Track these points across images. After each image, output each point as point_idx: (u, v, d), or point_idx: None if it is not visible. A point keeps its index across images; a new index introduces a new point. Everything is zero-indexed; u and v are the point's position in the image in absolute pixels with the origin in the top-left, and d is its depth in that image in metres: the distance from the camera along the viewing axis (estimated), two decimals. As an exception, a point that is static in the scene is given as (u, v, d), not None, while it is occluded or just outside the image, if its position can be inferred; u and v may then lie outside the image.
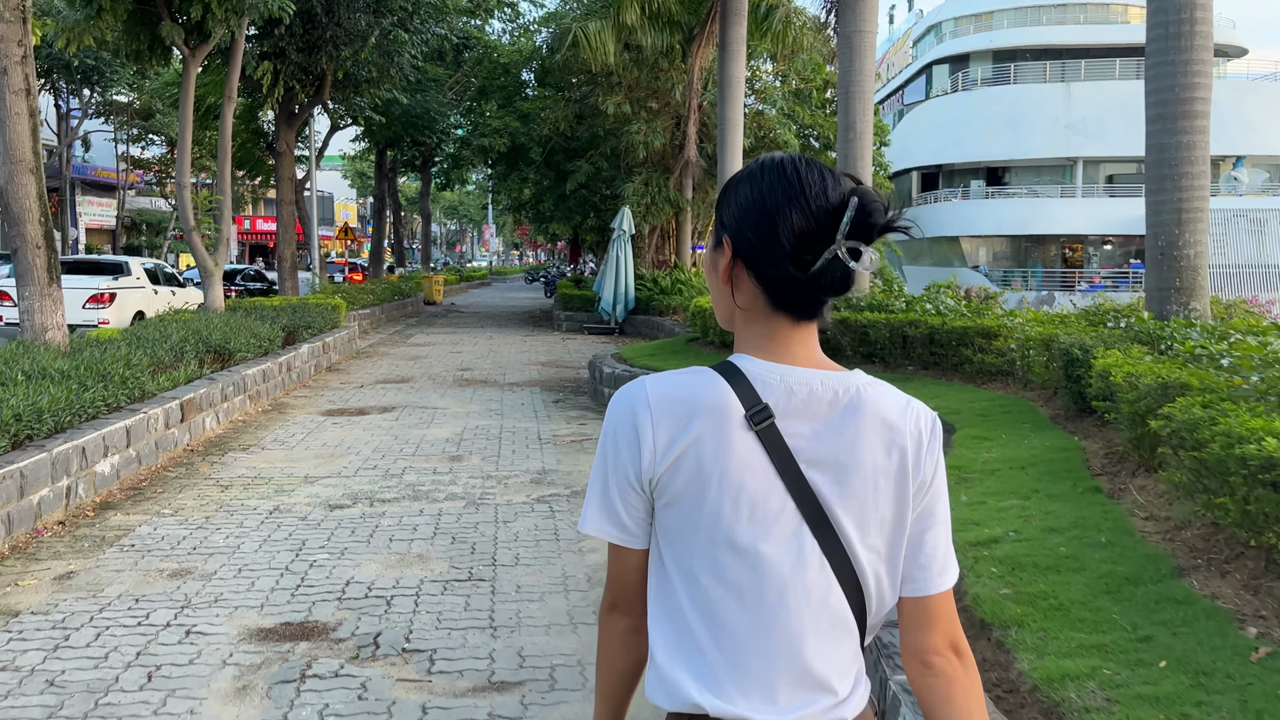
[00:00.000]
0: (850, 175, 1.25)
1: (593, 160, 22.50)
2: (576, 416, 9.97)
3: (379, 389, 12.02)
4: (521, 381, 12.93)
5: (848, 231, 1.18)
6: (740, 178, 1.29)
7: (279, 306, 15.57)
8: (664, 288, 20.72)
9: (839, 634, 1.26)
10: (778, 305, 1.25)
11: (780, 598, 1.23)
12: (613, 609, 1.37)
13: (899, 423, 1.25)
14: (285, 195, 20.47)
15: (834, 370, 1.27)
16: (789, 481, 1.22)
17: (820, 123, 21.60)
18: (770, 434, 1.22)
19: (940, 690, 1.26)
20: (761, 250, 1.23)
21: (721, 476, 1.22)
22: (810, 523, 1.23)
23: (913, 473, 1.25)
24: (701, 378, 1.26)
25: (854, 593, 1.26)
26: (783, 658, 1.24)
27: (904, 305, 9.30)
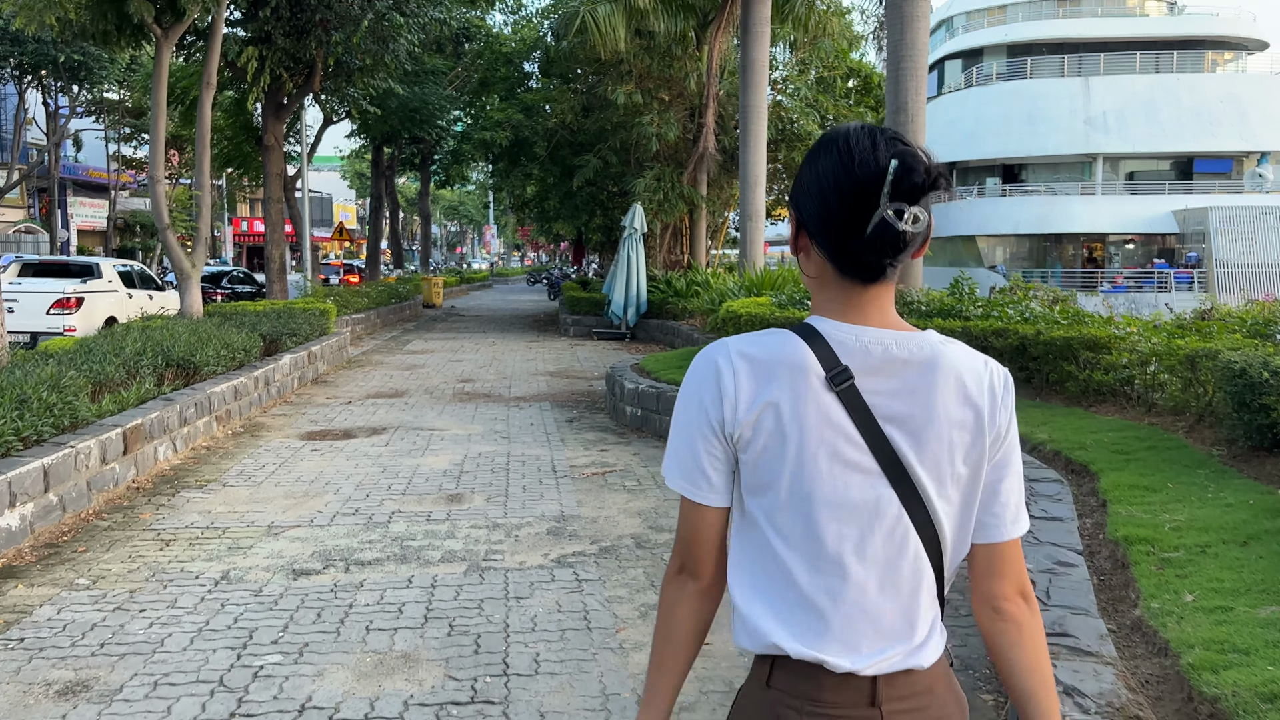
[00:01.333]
0: (900, 138, 1.26)
1: (601, 154, 21.15)
2: (595, 440, 8.61)
3: (369, 405, 10.66)
4: (529, 395, 11.57)
5: (890, 193, 1.21)
6: (806, 156, 1.33)
7: (262, 312, 14.24)
8: (679, 290, 19.37)
9: (916, 582, 1.29)
10: (843, 271, 1.29)
11: (860, 548, 1.27)
12: (681, 571, 1.38)
13: (973, 380, 1.29)
14: (273, 192, 19.11)
15: (908, 330, 1.31)
16: (868, 436, 1.26)
17: (845, 113, 20.24)
18: (850, 393, 1.26)
19: (1010, 634, 1.33)
20: (819, 219, 1.28)
21: (802, 432, 1.26)
22: (889, 476, 1.27)
23: (988, 427, 1.29)
24: (782, 338, 1.30)
25: (931, 543, 1.29)
26: (861, 605, 1.28)
27: (980, 311, 7.94)
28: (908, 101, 10.27)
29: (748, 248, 15.84)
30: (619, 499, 6.44)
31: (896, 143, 1.25)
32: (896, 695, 1.28)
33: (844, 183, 1.24)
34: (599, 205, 25.85)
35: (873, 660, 1.27)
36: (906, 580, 1.29)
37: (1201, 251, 37.56)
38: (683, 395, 1.35)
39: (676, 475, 1.35)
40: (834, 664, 1.27)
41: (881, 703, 1.28)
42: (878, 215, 1.21)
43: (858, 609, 1.28)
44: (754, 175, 15.62)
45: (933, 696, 1.31)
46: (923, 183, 1.22)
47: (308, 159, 23.95)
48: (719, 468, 1.32)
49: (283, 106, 19.11)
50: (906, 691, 1.29)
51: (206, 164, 14.63)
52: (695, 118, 21.03)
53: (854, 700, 1.28)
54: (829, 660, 1.27)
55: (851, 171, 1.24)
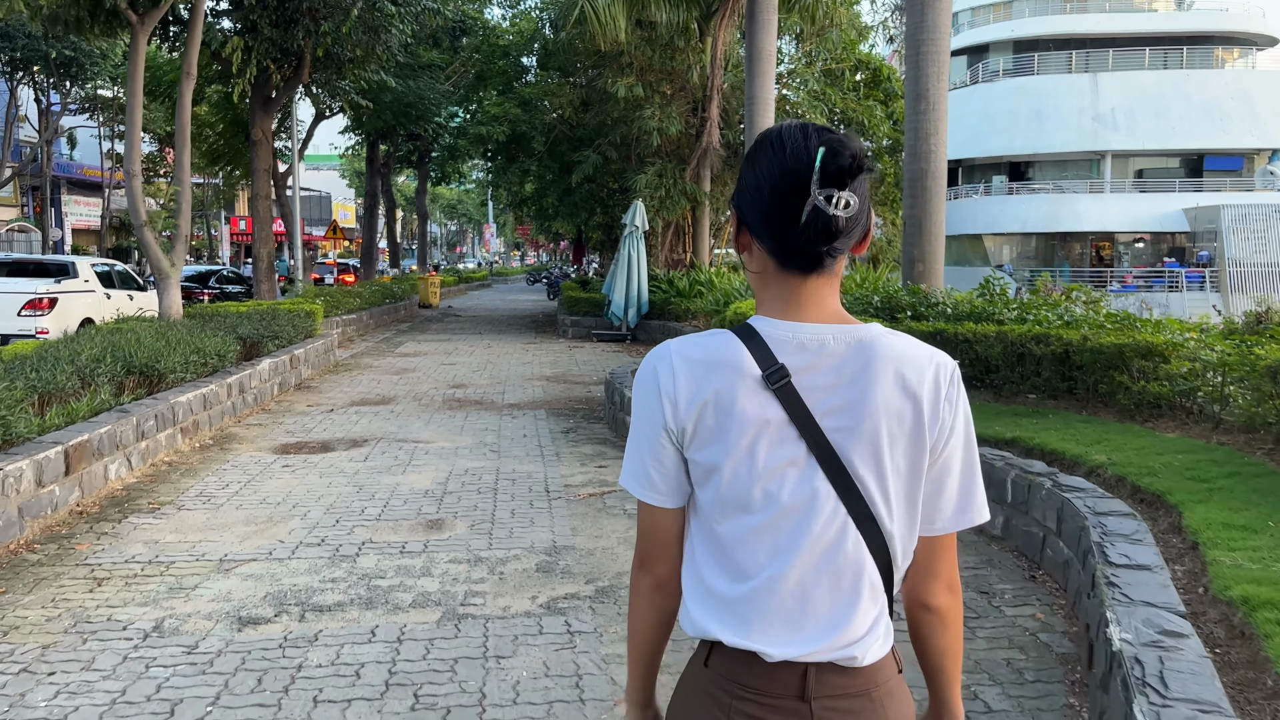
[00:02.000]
0: (829, 130, 1.28)
1: (601, 150, 20.45)
2: (593, 455, 7.92)
3: (352, 414, 9.97)
4: (523, 403, 10.88)
5: (819, 179, 1.24)
6: (746, 156, 1.36)
7: (245, 313, 13.55)
8: (681, 290, 18.68)
9: (856, 575, 1.29)
10: (783, 264, 1.31)
11: (796, 540, 1.29)
12: (641, 566, 1.43)
13: (914, 371, 1.29)
14: (261, 189, 18.43)
15: (850, 323, 1.32)
16: (804, 431, 1.27)
17: (853, 106, 19.54)
18: (785, 391, 1.28)
19: (934, 625, 1.38)
20: (757, 213, 1.31)
21: (739, 429, 1.28)
22: (825, 469, 1.28)
23: (929, 421, 1.29)
24: (720, 338, 1.33)
25: (872, 536, 1.29)
26: (797, 596, 1.29)
27: (1015, 314, 7.24)
28: (928, 88, 9.58)
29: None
30: (618, 526, 5.75)
31: (825, 133, 1.28)
32: (827, 692, 1.29)
33: (777, 175, 1.28)
34: (598, 203, 25.14)
35: (804, 650, 1.29)
36: (843, 572, 1.30)
37: (1213, 250, 36.82)
38: (634, 402, 1.39)
39: (630, 478, 1.39)
40: (764, 652, 1.29)
41: (811, 696, 1.29)
42: (809, 202, 1.25)
43: (793, 600, 1.30)
44: (760, 170, 14.91)
45: (869, 701, 1.30)
46: (849, 166, 1.24)
47: (299, 155, 23.25)
48: (667, 469, 1.35)
49: (270, 100, 18.44)
50: (839, 690, 1.30)
51: (186, 158, 13.94)
52: (698, 112, 20.34)
53: (783, 690, 1.30)
54: (760, 649, 1.29)
55: (784, 163, 1.27)
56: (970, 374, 6.97)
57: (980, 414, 6.44)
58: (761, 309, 1.35)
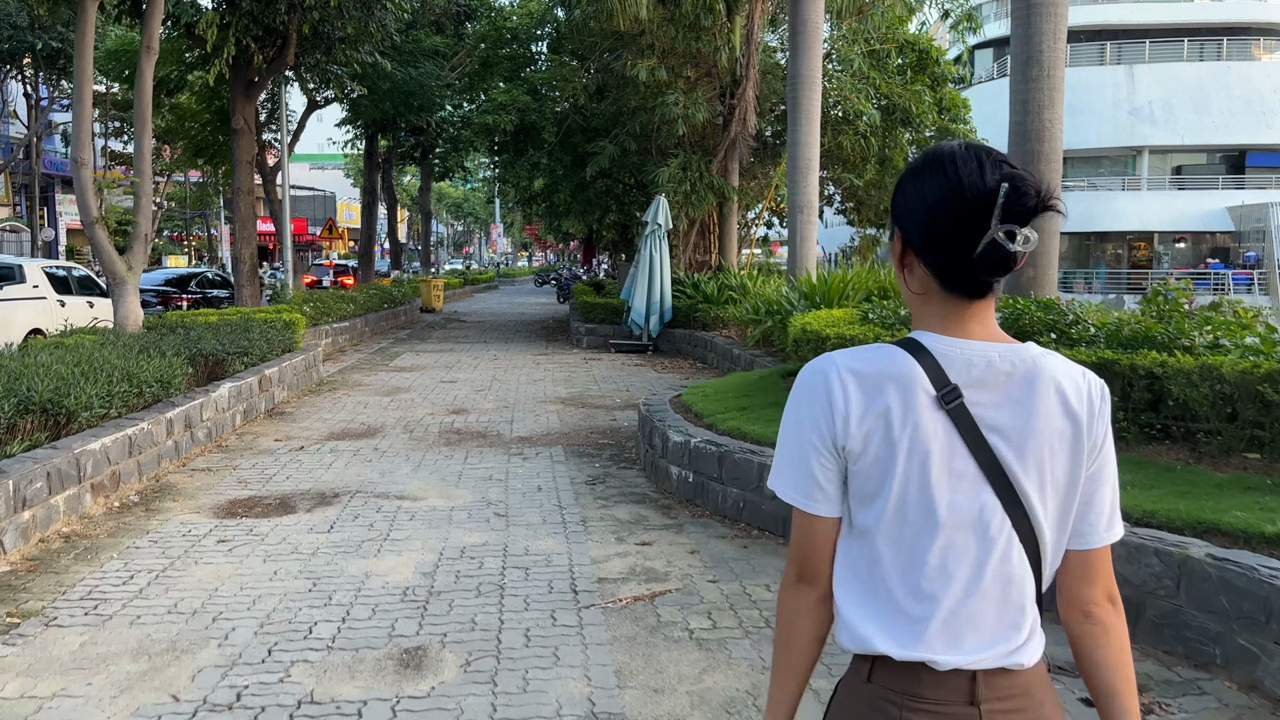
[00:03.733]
0: (1006, 160, 1.29)
1: (618, 140, 18.56)
2: (631, 521, 6.03)
3: (327, 452, 8.11)
4: (536, 436, 9.01)
5: (1001, 215, 1.25)
6: (907, 174, 1.36)
7: (212, 324, 11.73)
8: (709, 295, 16.79)
9: (1018, 586, 1.32)
10: (948, 288, 1.33)
11: (964, 554, 1.31)
12: (799, 580, 1.40)
13: (1073, 391, 1.33)
14: (242, 182, 16.59)
15: (1009, 342, 1.35)
16: (973, 447, 1.30)
17: (899, 91, 17.63)
18: (958, 410, 1.30)
19: (1098, 637, 1.38)
20: (927, 239, 1.32)
21: (910, 444, 1.29)
22: (993, 485, 1.30)
23: (1086, 437, 1.33)
24: (889, 353, 1.34)
25: (1031, 548, 1.32)
26: (964, 608, 1.30)
27: (1208, 337, 5.34)
28: (1042, 49, 7.68)
29: (798, 246, 13.24)
30: (687, 666, 3.85)
31: (1003, 165, 1.28)
32: (995, 695, 1.30)
33: (953, 203, 1.27)
34: (613, 199, 23.28)
35: (975, 657, 1.30)
36: (1009, 584, 1.31)
37: (1261, 251, 34.81)
38: (792, 410, 1.38)
39: (790, 489, 1.38)
40: (935, 661, 1.30)
41: (980, 701, 1.30)
42: (988, 236, 1.25)
43: (961, 613, 1.30)
44: (805, 159, 13.04)
45: (1030, 699, 1.33)
46: (1034, 206, 1.26)
47: (289, 148, 21.41)
48: (831, 479, 1.35)
49: (253, 84, 16.59)
50: (1004, 692, 1.31)
51: (147, 144, 12.10)
52: (725, 98, 18.45)
53: (953, 697, 1.30)
54: (930, 659, 1.30)
55: (961, 193, 1.27)
56: (1151, 421, 5.08)
57: (1178, 482, 4.55)
58: (923, 324, 1.37)
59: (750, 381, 8.53)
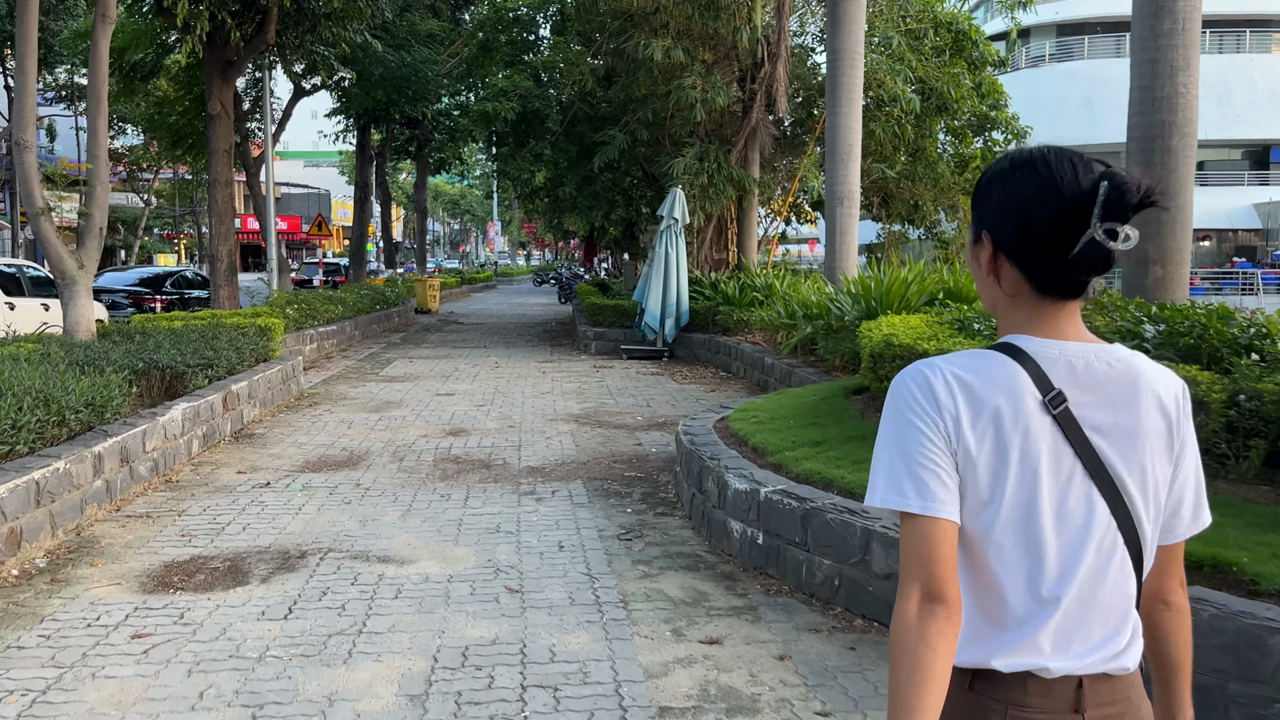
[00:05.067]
0: (1100, 160, 1.28)
1: (629, 129, 17.10)
2: (686, 599, 4.58)
3: (297, 490, 6.66)
4: (549, 466, 7.56)
5: (1102, 214, 1.22)
6: (993, 176, 1.34)
7: (177, 331, 10.31)
8: (729, 296, 15.36)
9: (1124, 587, 1.32)
10: (1042, 290, 1.32)
11: (1075, 558, 1.29)
12: (925, 599, 1.25)
13: (1165, 390, 1.34)
14: (220, 173, 15.11)
15: (1100, 343, 1.34)
16: (1079, 449, 1.29)
17: (935, 74, 16.20)
18: (1065, 415, 1.29)
19: (1174, 621, 1.42)
20: (1021, 241, 1.30)
21: (1022, 449, 1.28)
22: (1099, 486, 1.29)
23: (1176, 436, 1.34)
24: (992, 360, 1.31)
25: (1134, 549, 1.32)
26: (1074, 613, 1.29)
27: None
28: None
29: (838, 241, 11.80)
30: None
31: (1096, 164, 1.27)
32: (1098, 701, 1.29)
33: (1049, 203, 1.26)
34: (620, 193, 21.81)
35: (1083, 663, 1.28)
36: (1115, 586, 1.31)
37: (1291, 249, 33.58)
38: (893, 417, 1.33)
39: (907, 493, 1.28)
40: (1045, 669, 1.27)
41: (1085, 708, 1.28)
42: (1088, 235, 1.23)
43: (1071, 617, 1.29)
44: (846, 144, 11.59)
45: (1129, 703, 1.32)
46: (1136, 202, 1.24)
47: (274, 138, 19.94)
48: (949, 481, 1.29)
49: (230, 65, 15.11)
50: (1107, 697, 1.30)
51: (102, 126, 10.65)
52: (745, 83, 17.00)
53: (1059, 705, 1.28)
54: (1040, 666, 1.28)
55: (1057, 192, 1.25)
56: None
57: None
58: (1015, 327, 1.35)
59: (810, 403, 7.07)
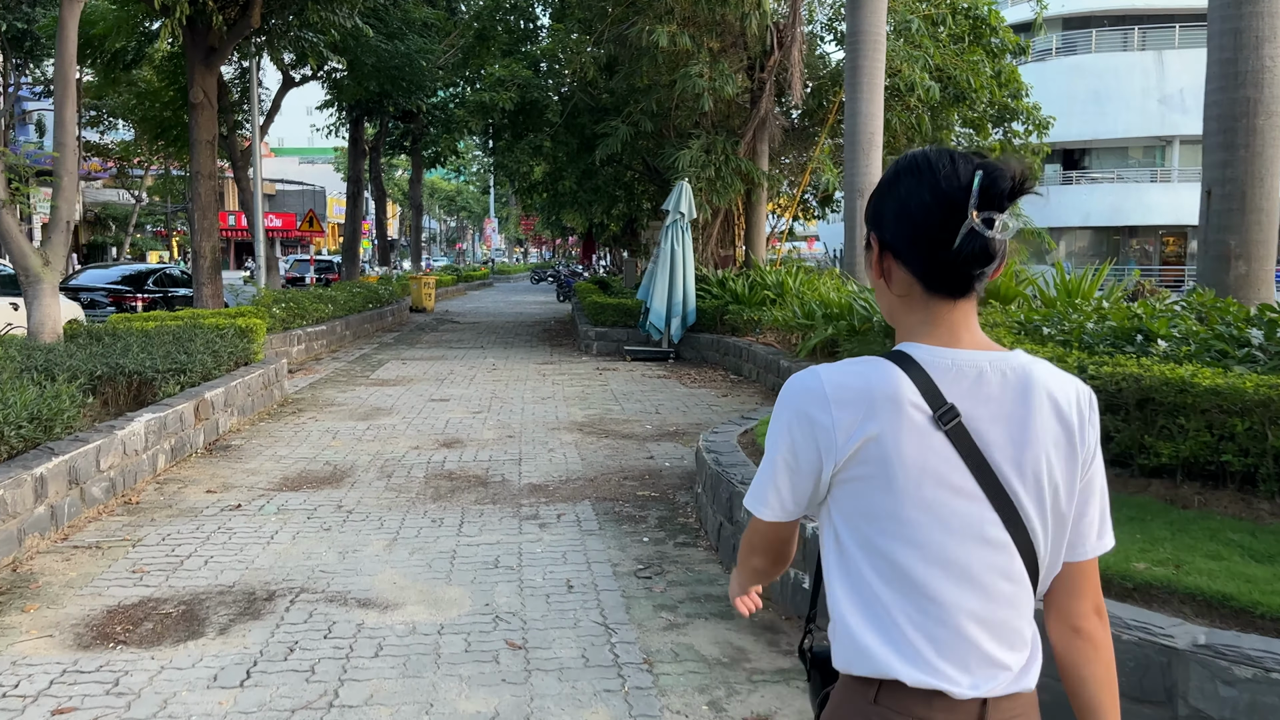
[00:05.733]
0: (977, 153, 1.29)
1: (632, 119, 16.35)
2: (724, 659, 3.83)
3: (271, 513, 5.92)
4: (553, 483, 6.83)
5: (977, 202, 1.23)
6: (882, 182, 1.35)
7: (149, 333, 9.59)
8: (738, 294, 14.64)
9: (1019, 603, 1.30)
10: (931, 288, 1.30)
11: (967, 573, 1.27)
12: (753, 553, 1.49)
13: (1064, 399, 1.30)
14: (202, 165, 14.35)
15: (998, 350, 1.31)
16: (971, 465, 1.26)
17: (953, 62, 15.47)
18: (956, 429, 1.26)
19: (1086, 652, 1.35)
20: (905, 237, 1.30)
21: (905, 461, 1.26)
22: (992, 501, 1.27)
23: (1079, 446, 1.31)
24: (878, 368, 1.29)
25: (1030, 564, 1.30)
26: (970, 630, 1.28)
27: None
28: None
29: (858, 237, 11.06)
30: None
31: (974, 157, 1.28)
32: (1000, 717, 1.29)
33: (929, 198, 1.26)
34: (622, 188, 21.08)
35: (986, 685, 1.28)
36: (1011, 603, 1.29)
37: (1305, 246, 32.92)
38: (776, 429, 1.35)
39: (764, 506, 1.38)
40: (951, 690, 1.26)
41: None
42: (966, 225, 1.23)
43: (967, 634, 1.27)
44: (867, 132, 10.87)
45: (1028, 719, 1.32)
46: (1009, 189, 1.24)
47: (262, 130, 19.17)
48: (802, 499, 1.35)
49: (213, 51, 14.34)
50: (1008, 715, 1.30)
51: (70, 112, 9.90)
52: (754, 72, 16.27)
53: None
54: (945, 687, 1.26)
55: (936, 186, 1.26)
56: None
57: None
58: (909, 334, 1.34)
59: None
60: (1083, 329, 4.96)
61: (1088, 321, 5.14)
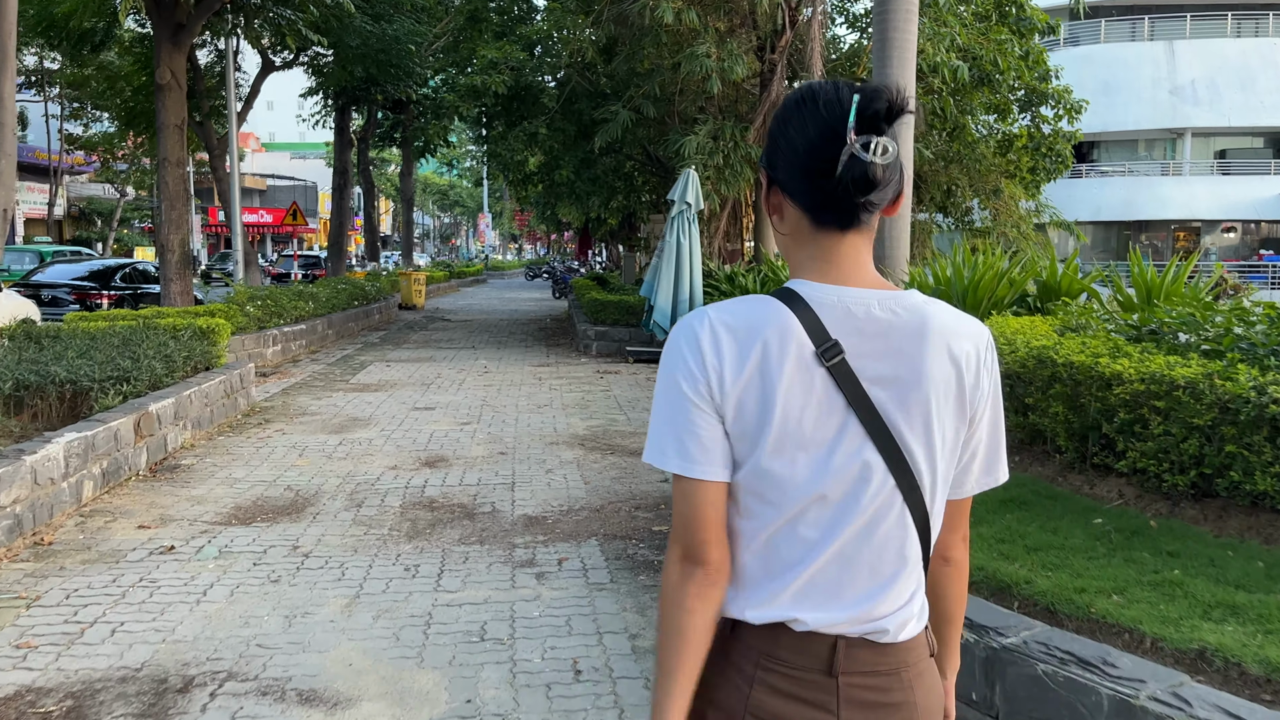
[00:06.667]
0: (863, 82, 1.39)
1: (634, 104, 15.27)
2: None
3: (210, 559, 4.85)
4: (552, 516, 5.77)
5: (856, 125, 1.18)
6: (774, 120, 1.29)
7: (97, 334, 8.54)
8: (748, 289, 13.58)
9: (898, 547, 1.24)
10: (818, 221, 1.25)
11: (841, 514, 1.22)
12: (687, 559, 1.24)
13: (957, 341, 1.24)
14: (169, 151, 13.26)
15: (890, 289, 1.25)
16: (854, 401, 1.21)
17: (978, 41, 14.41)
18: (839, 365, 1.21)
19: (952, 575, 1.37)
20: (790, 167, 1.25)
21: (786, 401, 1.20)
22: (875, 439, 1.21)
23: (970, 390, 1.25)
24: (763, 304, 1.24)
25: (917, 507, 1.24)
26: (836, 569, 1.22)
27: None
28: None
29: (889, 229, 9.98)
30: None
31: (859, 84, 1.22)
32: (857, 669, 1.23)
33: (809, 128, 1.22)
34: (622, 179, 19.99)
35: (835, 619, 1.22)
36: (886, 544, 1.23)
37: (1323, 241, 31.95)
38: (665, 372, 1.27)
39: (669, 453, 1.24)
40: (794, 620, 1.23)
41: (839, 672, 1.22)
42: (846, 151, 1.18)
43: (834, 571, 1.23)
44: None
45: (898, 680, 1.24)
46: (885, 110, 1.19)
47: (240, 116, 18.05)
48: (714, 439, 1.23)
49: (181, 28, 13.23)
50: (869, 667, 1.23)
51: (8, 86, 8.79)
52: (764, 53, 15.20)
53: (811, 664, 1.23)
54: (789, 619, 1.23)
55: (817, 114, 1.22)
56: None
57: None
58: (799, 271, 1.29)
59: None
60: (1231, 334, 3.91)
61: (1233, 325, 4.09)
